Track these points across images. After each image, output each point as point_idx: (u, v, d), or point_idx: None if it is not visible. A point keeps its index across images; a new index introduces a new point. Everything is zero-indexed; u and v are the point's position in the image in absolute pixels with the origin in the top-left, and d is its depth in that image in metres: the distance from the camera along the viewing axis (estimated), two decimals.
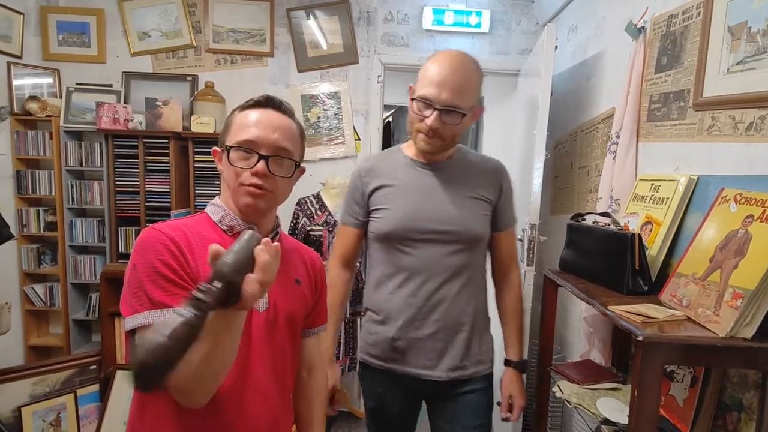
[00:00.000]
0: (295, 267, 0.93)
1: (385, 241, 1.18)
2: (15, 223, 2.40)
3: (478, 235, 1.17)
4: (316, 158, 2.56)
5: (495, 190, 1.20)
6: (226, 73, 2.54)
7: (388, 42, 2.53)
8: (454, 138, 1.14)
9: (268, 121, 0.83)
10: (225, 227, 0.85)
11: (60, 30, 2.49)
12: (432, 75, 1.06)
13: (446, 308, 1.16)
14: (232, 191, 0.83)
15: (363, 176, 1.22)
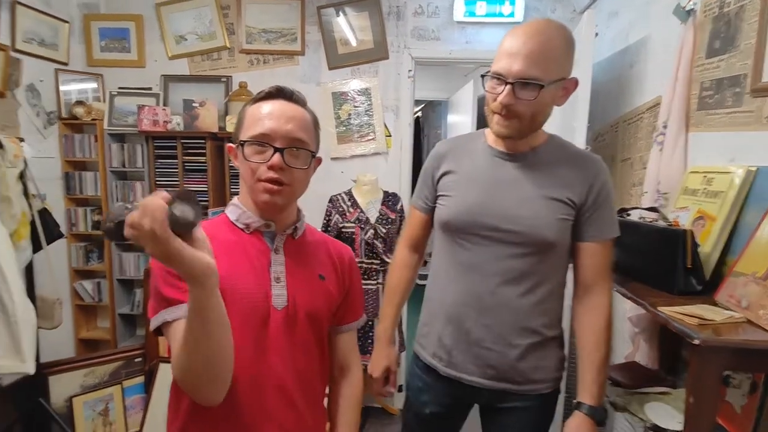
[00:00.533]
0: (319, 261, 0.91)
1: (445, 230, 1.13)
2: (64, 223, 2.53)
3: (547, 240, 1.02)
4: (347, 155, 2.57)
5: (583, 191, 1.02)
6: (259, 73, 2.58)
7: (418, 36, 2.50)
8: (535, 118, 0.98)
9: (281, 112, 0.81)
10: (242, 225, 0.85)
11: (102, 36, 2.59)
12: (505, 47, 0.96)
13: (500, 315, 1.06)
14: (249, 188, 0.83)
15: (435, 158, 1.17)
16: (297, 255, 0.87)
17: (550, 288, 1.06)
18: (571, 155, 1.07)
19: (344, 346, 0.99)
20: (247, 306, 0.79)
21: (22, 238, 1.92)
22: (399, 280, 1.28)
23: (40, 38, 2.33)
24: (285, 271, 0.84)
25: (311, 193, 2.88)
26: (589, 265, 1.05)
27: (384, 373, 1.25)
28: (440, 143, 1.23)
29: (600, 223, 1.03)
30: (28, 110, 2.29)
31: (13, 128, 2.20)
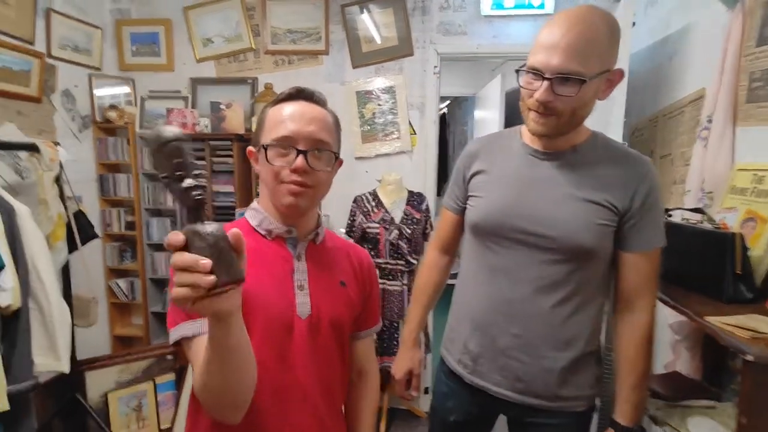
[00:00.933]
0: (340, 268, 0.89)
1: (474, 232, 1.08)
2: (100, 223, 2.61)
3: (583, 246, 0.94)
4: (371, 154, 2.54)
5: (628, 196, 0.93)
6: (284, 73, 2.58)
7: (444, 31, 2.44)
8: (575, 114, 0.91)
9: (302, 114, 0.80)
10: (263, 231, 0.84)
11: (133, 41, 2.65)
12: (542, 39, 0.88)
13: (530, 324, 0.99)
14: (271, 192, 0.81)
15: (467, 157, 1.13)
16: (319, 261, 0.86)
17: (587, 298, 0.99)
18: (616, 155, 0.98)
19: (363, 351, 0.99)
20: (270, 316, 0.78)
21: (58, 239, 1.99)
22: (427, 282, 1.26)
23: (74, 44, 2.40)
24: (308, 279, 0.83)
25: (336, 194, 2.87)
26: (631, 277, 0.97)
27: (406, 376, 1.23)
28: (473, 141, 1.18)
29: (645, 232, 0.94)
30: (63, 115, 2.37)
31: (49, 133, 2.29)
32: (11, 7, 2.03)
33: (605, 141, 1.01)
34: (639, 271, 0.96)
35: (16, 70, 2.06)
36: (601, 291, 1.02)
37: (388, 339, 2.28)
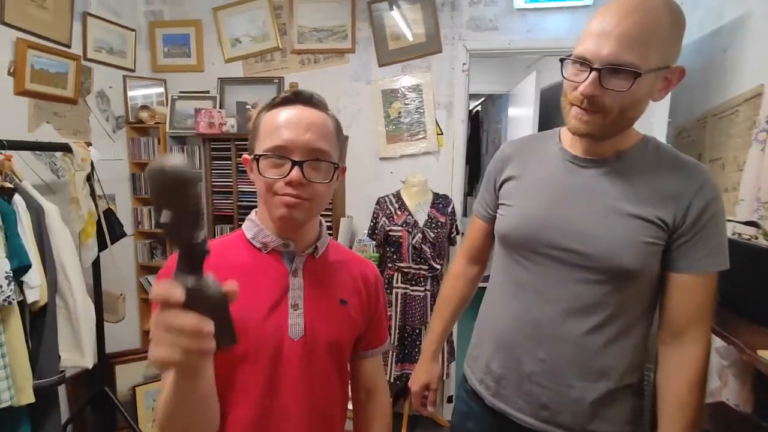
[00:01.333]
0: (341, 284, 0.83)
1: (503, 244, 1.00)
2: (132, 221, 2.69)
3: (624, 267, 0.83)
4: (396, 155, 2.47)
5: (680, 210, 0.82)
6: (309, 72, 2.56)
7: (474, 27, 2.34)
8: (624, 113, 0.80)
9: (299, 120, 0.73)
10: (258, 244, 0.79)
11: (165, 43, 2.70)
12: (593, 26, 0.78)
13: (558, 350, 0.90)
14: (265, 203, 0.75)
15: (499, 161, 1.05)
16: (317, 277, 0.80)
17: (628, 324, 0.88)
18: (669, 163, 0.86)
19: (370, 370, 0.93)
20: (259, 337, 0.73)
21: (89, 237, 2.04)
22: (451, 293, 1.19)
23: (109, 47, 2.47)
24: (303, 297, 0.77)
25: (360, 195, 2.81)
26: (681, 303, 0.85)
27: (422, 389, 1.16)
28: (506, 143, 1.09)
29: (699, 251, 0.82)
30: (98, 115, 2.44)
31: (84, 133, 2.36)
32: (49, 11, 2.10)
33: (657, 147, 0.89)
34: (691, 296, 0.84)
35: (53, 73, 2.14)
36: (644, 316, 0.90)
37: (410, 346, 2.22)
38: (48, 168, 2.14)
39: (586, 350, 0.88)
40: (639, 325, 0.90)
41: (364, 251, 2.36)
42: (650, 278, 0.87)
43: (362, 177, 2.53)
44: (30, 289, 1.53)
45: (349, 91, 2.50)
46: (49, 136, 2.13)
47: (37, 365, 1.58)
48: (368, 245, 2.36)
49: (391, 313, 2.23)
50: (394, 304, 2.21)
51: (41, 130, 2.12)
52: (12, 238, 1.48)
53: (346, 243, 2.42)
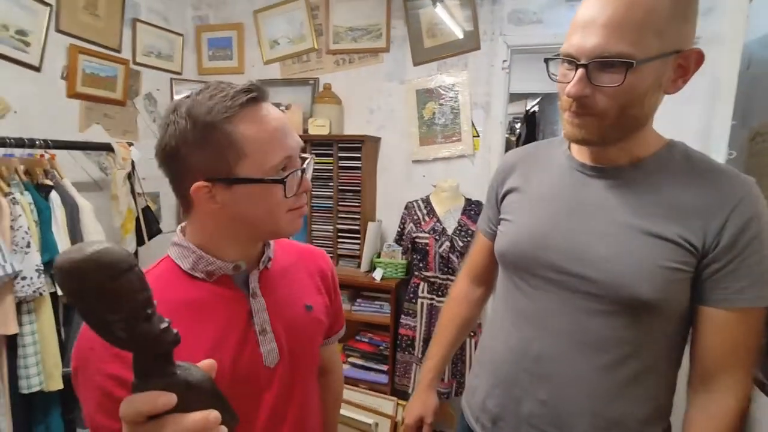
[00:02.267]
0: (301, 288, 0.77)
1: (502, 264, 0.90)
2: (174, 217, 2.81)
3: (639, 297, 0.69)
4: (429, 158, 2.36)
5: (712, 228, 0.67)
6: (344, 73, 2.51)
7: (516, 20, 2.17)
8: (624, 113, 0.67)
9: (280, 120, 0.64)
10: (201, 274, 0.66)
11: (210, 46, 2.79)
12: (578, 17, 0.67)
13: (563, 391, 0.77)
14: (271, 224, 0.65)
15: (501, 171, 0.94)
16: (276, 291, 0.73)
17: (648, 364, 0.74)
18: (701, 173, 0.71)
19: (328, 355, 0.91)
20: (233, 379, 0.63)
21: (128, 232, 2.14)
22: (452, 317, 1.08)
23: (158, 51, 2.59)
24: (269, 319, 0.70)
25: (390, 199, 2.72)
26: (713, 344, 0.70)
27: (417, 423, 1.06)
28: (510, 152, 0.98)
29: (739, 281, 0.67)
30: (145, 117, 2.57)
31: (132, 133, 2.49)
32: (101, 18, 2.23)
33: (686, 154, 0.74)
34: (726, 335, 0.69)
35: (103, 76, 2.27)
36: (670, 356, 0.76)
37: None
38: (96, 166, 2.28)
39: (596, 393, 0.75)
40: (663, 365, 0.75)
41: (393, 257, 2.28)
42: (677, 311, 0.72)
43: (394, 180, 2.45)
44: None
45: (382, 91, 2.43)
46: (99, 137, 2.26)
47: (67, 354, 1.66)
48: (396, 251, 2.28)
49: (416, 324, 2.13)
50: (419, 314, 2.11)
51: (92, 130, 2.26)
52: (45, 233, 1.57)
53: (374, 248, 2.35)
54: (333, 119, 2.38)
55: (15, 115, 1.87)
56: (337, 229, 2.38)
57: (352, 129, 2.50)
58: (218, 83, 0.63)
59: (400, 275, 2.25)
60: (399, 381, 2.18)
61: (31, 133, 1.73)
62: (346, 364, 2.33)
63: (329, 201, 2.37)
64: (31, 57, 1.91)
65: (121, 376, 0.55)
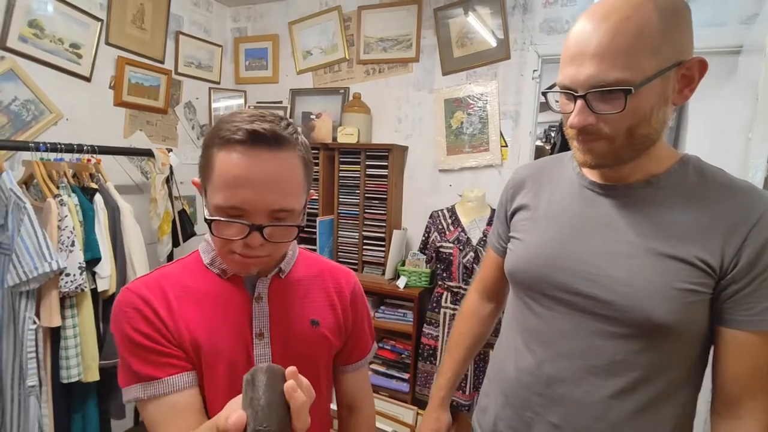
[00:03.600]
0: (312, 303, 0.78)
1: (513, 284, 0.89)
2: None
3: (653, 321, 0.67)
4: (456, 167, 2.35)
5: (730, 247, 0.65)
6: (374, 82, 2.55)
7: (548, 29, 2.14)
8: (633, 134, 0.66)
9: (260, 175, 0.61)
10: (217, 270, 0.73)
11: (247, 56, 2.90)
12: (569, 47, 0.67)
13: (577, 415, 0.75)
14: (220, 255, 0.70)
15: (510, 187, 0.93)
16: (284, 299, 0.75)
17: (666, 390, 0.71)
18: (718, 190, 0.69)
19: (352, 385, 0.88)
20: (229, 366, 0.70)
21: (164, 233, 2.25)
22: (464, 332, 1.07)
23: (198, 61, 2.72)
24: (269, 324, 0.73)
25: (416, 208, 2.74)
26: (735, 368, 0.67)
27: None
28: (520, 167, 0.97)
29: (761, 302, 0.65)
30: (185, 124, 2.70)
31: (172, 140, 2.62)
32: (147, 31, 2.37)
33: (700, 170, 0.72)
34: (748, 359, 0.66)
35: (147, 86, 2.40)
36: (690, 381, 0.73)
37: None
38: (138, 171, 2.41)
39: (610, 419, 0.72)
40: (682, 390, 0.73)
41: (417, 266, 2.28)
42: (695, 335, 0.70)
43: (420, 189, 2.46)
44: (101, 279, 1.72)
45: (411, 100, 2.45)
46: (141, 143, 2.40)
47: (104, 348, 1.76)
48: (421, 260, 2.28)
49: (438, 334, 2.12)
50: (441, 324, 2.10)
51: (135, 136, 2.39)
52: (88, 233, 1.67)
53: (399, 256, 2.36)
54: (361, 128, 2.42)
55: (66, 122, 2.02)
56: (363, 236, 2.41)
57: (380, 137, 2.53)
58: (260, 113, 0.64)
59: (424, 284, 2.25)
60: (420, 390, 2.17)
61: (80, 139, 1.85)
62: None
63: (356, 208, 2.41)
64: (82, 68, 2.06)
65: (140, 329, 0.67)
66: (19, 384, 1.55)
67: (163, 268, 0.75)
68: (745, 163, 1.43)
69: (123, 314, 0.67)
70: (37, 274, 1.44)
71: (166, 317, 0.68)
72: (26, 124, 1.87)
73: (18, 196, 1.49)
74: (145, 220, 2.14)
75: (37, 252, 1.45)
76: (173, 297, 0.70)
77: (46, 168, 1.66)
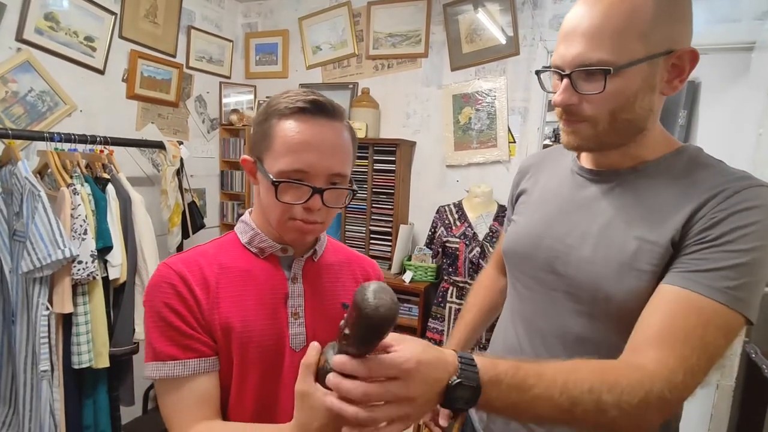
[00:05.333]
0: (342, 287, 0.80)
1: (506, 264, 0.91)
2: (218, 213, 2.95)
3: (615, 299, 0.67)
4: (463, 163, 2.36)
5: (694, 219, 0.63)
6: (382, 78, 2.56)
7: (557, 26, 2.13)
8: (616, 118, 0.66)
9: (323, 141, 0.66)
10: (255, 249, 0.75)
11: (257, 51, 2.92)
12: (562, 27, 0.68)
13: None
14: (276, 224, 0.71)
15: (518, 173, 0.98)
16: (317, 282, 0.77)
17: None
18: (702, 174, 0.67)
19: None
20: (260, 348, 0.70)
21: (174, 225, 2.28)
22: (477, 300, 1.07)
23: (209, 56, 2.75)
24: (304, 305, 0.75)
25: (424, 203, 2.76)
26: (654, 316, 0.61)
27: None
28: (529, 155, 1.01)
29: (701, 265, 0.60)
30: (195, 117, 2.73)
31: (183, 133, 2.65)
32: (159, 26, 2.40)
33: (693, 158, 0.70)
34: (669, 312, 0.60)
35: (159, 79, 2.44)
36: None
37: None
38: (149, 163, 2.45)
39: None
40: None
41: (423, 260, 2.29)
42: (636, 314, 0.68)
43: (428, 184, 2.47)
44: (112, 267, 1.75)
45: (420, 95, 2.46)
46: (153, 135, 2.43)
47: (114, 335, 1.79)
48: (427, 254, 2.29)
49: (443, 329, 2.13)
50: (446, 319, 2.11)
51: (147, 129, 2.43)
52: (100, 222, 1.71)
53: (405, 251, 2.37)
54: (370, 123, 2.43)
55: (80, 113, 2.05)
56: (370, 230, 2.42)
57: (388, 133, 2.54)
58: (306, 91, 0.69)
59: (430, 279, 2.26)
60: None
61: (93, 131, 1.89)
62: None
63: (363, 203, 2.42)
64: (96, 61, 2.10)
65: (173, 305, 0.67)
66: (32, 368, 1.59)
67: (198, 247, 0.75)
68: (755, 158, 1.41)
69: (158, 289, 0.68)
70: (50, 261, 1.47)
71: (201, 296, 0.68)
72: (41, 115, 1.91)
73: (33, 185, 1.52)
74: (155, 212, 2.17)
75: (51, 239, 1.49)
76: (210, 275, 0.70)
77: (60, 158, 1.69)
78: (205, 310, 0.68)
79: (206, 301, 0.68)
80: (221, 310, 0.69)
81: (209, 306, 0.68)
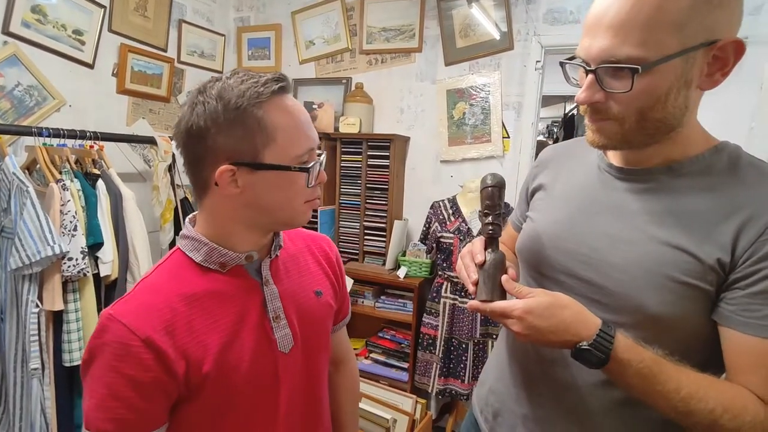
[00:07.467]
0: (310, 275, 0.80)
1: (520, 261, 0.86)
2: None
3: (645, 310, 0.63)
4: (457, 158, 2.35)
5: (742, 243, 0.59)
6: (376, 73, 2.55)
7: (552, 20, 2.13)
8: (645, 117, 0.61)
9: (305, 114, 0.66)
10: (214, 266, 0.67)
11: (250, 46, 2.90)
12: (587, 17, 0.62)
13: (560, 398, 0.74)
14: (294, 213, 0.67)
15: (535, 166, 0.91)
16: (287, 278, 0.76)
17: None
18: (746, 177, 0.62)
19: (339, 343, 0.92)
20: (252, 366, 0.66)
21: (167, 221, 2.26)
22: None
23: (201, 50, 2.72)
24: (282, 305, 0.72)
25: (417, 198, 2.75)
26: (737, 359, 0.60)
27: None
28: (548, 147, 0.94)
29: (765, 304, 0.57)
30: None
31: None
32: (149, 20, 2.37)
33: (734, 158, 0.65)
34: (750, 356, 0.59)
35: (150, 74, 2.40)
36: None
37: (456, 360, 2.09)
38: (140, 158, 2.42)
39: (592, 408, 0.71)
40: None
41: (418, 256, 2.29)
42: (693, 331, 0.64)
43: (422, 179, 2.46)
44: (103, 264, 1.73)
45: (414, 90, 2.45)
46: (144, 130, 2.40)
47: None
48: (421, 250, 2.29)
49: (438, 324, 2.13)
50: (441, 314, 2.11)
51: (138, 124, 2.40)
52: (91, 218, 1.68)
53: (400, 246, 2.37)
54: (363, 118, 2.42)
55: (69, 108, 2.02)
56: (364, 226, 2.41)
57: (382, 128, 2.53)
58: (246, 71, 0.64)
59: (424, 274, 2.26)
60: (419, 379, 2.18)
61: (83, 126, 1.86)
62: (367, 360, 2.36)
63: (357, 198, 2.41)
64: (85, 55, 2.06)
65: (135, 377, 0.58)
66: (21, 367, 1.56)
67: (144, 283, 0.65)
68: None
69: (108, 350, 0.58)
70: (39, 258, 1.45)
71: (166, 347, 0.60)
72: (29, 110, 1.88)
73: (21, 180, 1.49)
74: (147, 208, 2.15)
75: (40, 236, 1.46)
76: (176, 314, 0.62)
77: (49, 153, 1.66)
78: (174, 360, 0.60)
79: (173, 348, 0.60)
80: (198, 343, 0.62)
81: (181, 348, 0.61)
